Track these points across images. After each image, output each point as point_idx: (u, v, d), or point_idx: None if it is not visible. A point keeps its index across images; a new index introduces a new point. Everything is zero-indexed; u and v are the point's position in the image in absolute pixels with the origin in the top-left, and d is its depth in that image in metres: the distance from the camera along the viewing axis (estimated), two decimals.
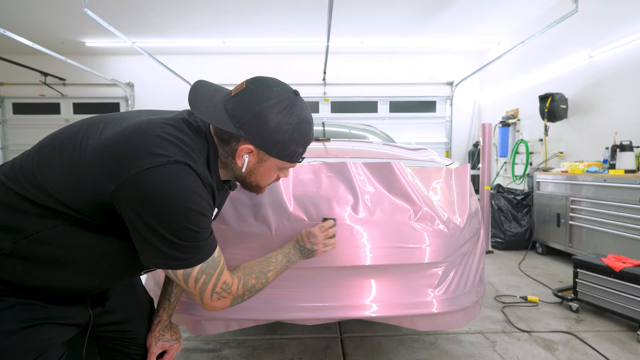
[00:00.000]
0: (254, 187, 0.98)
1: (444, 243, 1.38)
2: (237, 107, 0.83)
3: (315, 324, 1.38)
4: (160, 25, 5.46)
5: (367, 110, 7.00)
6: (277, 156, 0.88)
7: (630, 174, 2.99)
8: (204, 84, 0.90)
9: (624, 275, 2.15)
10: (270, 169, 0.92)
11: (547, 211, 3.85)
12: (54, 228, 0.77)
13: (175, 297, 1.17)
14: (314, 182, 1.38)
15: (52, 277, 0.81)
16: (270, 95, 0.84)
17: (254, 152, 0.87)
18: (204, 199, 0.80)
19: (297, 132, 0.87)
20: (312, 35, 5.83)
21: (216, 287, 0.87)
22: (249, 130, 0.83)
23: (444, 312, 1.36)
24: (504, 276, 3.17)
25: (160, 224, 0.74)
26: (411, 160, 1.64)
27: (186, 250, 0.79)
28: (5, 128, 6.82)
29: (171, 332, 1.14)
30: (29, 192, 0.76)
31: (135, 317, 1.10)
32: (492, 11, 5.01)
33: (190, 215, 0.76)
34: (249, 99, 0.83)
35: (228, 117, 0.83)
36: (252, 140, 0.84)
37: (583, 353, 1.88)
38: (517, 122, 5.51)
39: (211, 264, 0.85)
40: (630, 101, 3.60)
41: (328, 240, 1.19)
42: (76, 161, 0.76)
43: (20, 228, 0.76)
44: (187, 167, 0.77)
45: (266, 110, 0.82)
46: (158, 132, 0.78)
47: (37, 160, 0.79)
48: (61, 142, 0.81)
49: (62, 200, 0.76)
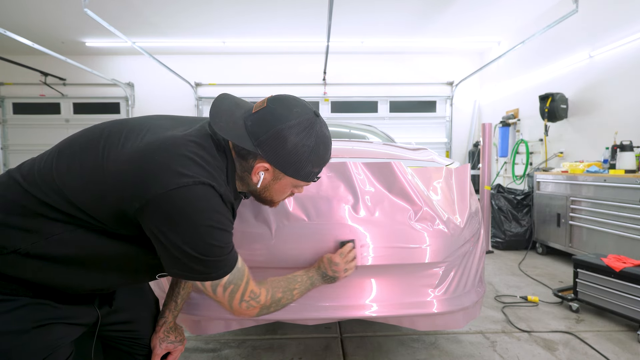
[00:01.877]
0: (267, 202, 1.00)
1: (444, 243, 1.37)
2: (257, 124, 0.85)
3: (315, 324, 1.38)
4: (160, 25, 5.46)
5: (367, 110, 7.00)
6: (292, 176, 0.90)
7: (630, 174, 2.99)
8: (227, 98, 0.92)
9: (624, 275, 2.15)
10: (285, 186, 0.94)
11: (547, 211, 3.85)
12: (72, 232, 0.78)
13: (182, 299, 1.17)
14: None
15: (67, 277, 0.82)
16: (290, 115, 0.85)
17: (269, 170, 0.89)
18: (225, 217, 0.83)
19: (314, 153, 0.89)
20: (312, 35, 5.82)
21: (244, 296, 0.90)
22: (267, 149, 0.84)
23: (444, 312, 1.36)
24: (504, 276, 3.17)
25: (184, 242, 0.77)
26: (411, 160, 1.64)
27: (210, 264, 0.82)
28: (5, 128, 6.82)
29: (175, 334, 1.14)
30: (48, 197, 0.76)
31: (141, 317, 1.10)
32: (492, 11, 5.01)
33: (213, 233, 0.79)
34: (269, 117, 0.85)
35: (247, 134, 0.84)
36: (268, 159, 0.86)
37: (583, 353, 1.88)
38: (517, 122, 5.51)
39: (237, 274, 0.87)
40: (630, 101, 3.60)
41: (349, 264, 1.20)
42: (98, 172, 0.77)
43: (38, 230, 0.76)
44: (210, 188, 0.79)
45: (285, 132, 0.84)
46: (183, 151, 0.79)
47: (57, 164, 0.80)
48: (81, 147, 0.82)
49: (82, 208, 0.77)
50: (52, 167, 0.79)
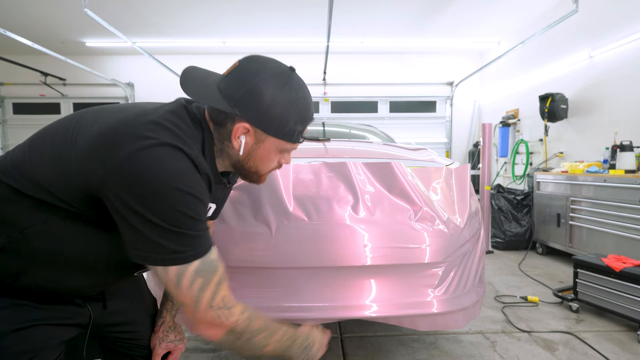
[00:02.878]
0: (253, 175, 0.90)
1: (444, 243, 1.38)
2: (231, 85, 0.79)
3: (315, 323, 1.38)
4: (160, 25, 5.46)
5: (367, 110, 7.00)
6: (275, 134, 0.82)
7: (630, 174, 2.99)
8: (196, 69, 0.86)
9: (624, 275, 2.15)
10: (269, 150, 0.85)
11: (547, 211, 3.85)
12: (46, 222, 0.75)
13: None
14: (314, 182, 1.38)
15: (46, 274, 0.79)
16: (264, 70, 0.80)
17: (250, 132, 0.81)
18: (199, 184, 0.74)
19: (295, 107, 0.81)
20: (312, 36, 5.83)
21: (215, 298, 0.76)
22: (244, 107, 0.78)
23: (444, 312, 1.36)
24: (504, 276, 3.17)
25: (150, 209, 0.68)
26: (411, 160, 1.64)
27: (180, 240, 0.72)
28: (6, 128, 6.81)
29: (175, 333, 1.13)
30: (20, 184, 0.74)
31: (139, 318, 1.09)
32: (492, 11, 5.01)
33: (184, 199, 0.70)
34: (243, 75, 0.79)
35: (222, 97, 0.78)
36: (247, 117, 0.79)
37: (583, 353, 1.88)
38: (517, 122, 5.51)
39: (209, 265, 0.76)
40: (630, 101, 3.60)
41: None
42: (66, 151, 0.73)
43: (13, 222, 0.74)
44: (179, 151, 0.72)
45: (261, 85, 0.78)
46: (152, 117, 0.74)
47: (30, 151, 0.77)
48: (53, 133, 0.79)
49: (52, 191, 0.73)
50: (25, 155, 0.77)
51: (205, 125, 0.82)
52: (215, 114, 0.82)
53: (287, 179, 1.37)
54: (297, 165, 1.41)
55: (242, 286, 1.35)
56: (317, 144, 1.88)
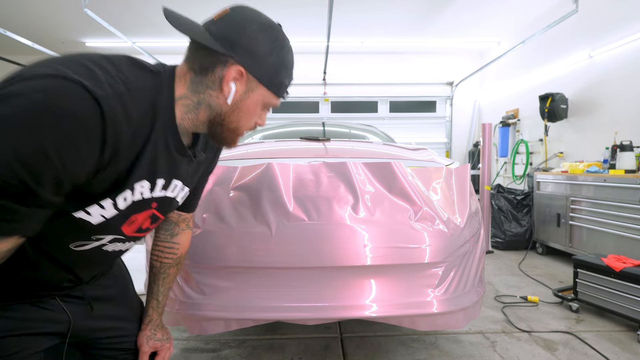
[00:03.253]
0: (230, 132, 0.82)
1: (444, 243, 1.38)
2: (225, 28, 0.74)
3: (315, 324, 1.38)
4: (160, 25, 5.46)
5: (367, 110, 7.00)
6: (266, 84, 0.78)
7: (630, 174, 2.99)
8: (176, 12, 0.78)
9: (624, 275, 2.15)
10: (255, 104, 0.80)
11: (547, 211, 3.85)
12: None
13: (163, 295, 1.11)
14: (314, 182, 1.38)
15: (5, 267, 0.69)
16: (260, 19, 0.78)
17: (242, 79, 0.76)
18: (71, 137, 0.56)
19: (285, 60, 0.80)
20: (312, 35, 5.82)
21: None
22: (242, 51, 0.73)
23: (444, 312, 1.36)
24: (504, 276, 3.17)
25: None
26: (411, 160, 1.64)
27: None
28: None
29: (162, 332, 1.10)
30: None
31: (126, 322, 1.05)
32: (492, 11, 5.01)
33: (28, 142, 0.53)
34: (239, 19, 0.75)
35: (212, 38, 0.73)
36: (244, 62, 0.74)
37: (583, 353, 1.88)
38: (517, 122, 5.51)
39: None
40: (630, 101, 3.60)
41: None
42: None
43: None
44: (78, 86, 0.57)
45: (258, 32, 0.75)
46: (76, 59, 0.62)
47: None
48: None
49: None
50: None
51: (167, 77, 0.74)
52: (200, 59, 0.75)
53: (287, 179, 1.37)
54: (297, 165, 1.41)
55: (242, 286, 1.35)
56: (317, 144, 1.88)
